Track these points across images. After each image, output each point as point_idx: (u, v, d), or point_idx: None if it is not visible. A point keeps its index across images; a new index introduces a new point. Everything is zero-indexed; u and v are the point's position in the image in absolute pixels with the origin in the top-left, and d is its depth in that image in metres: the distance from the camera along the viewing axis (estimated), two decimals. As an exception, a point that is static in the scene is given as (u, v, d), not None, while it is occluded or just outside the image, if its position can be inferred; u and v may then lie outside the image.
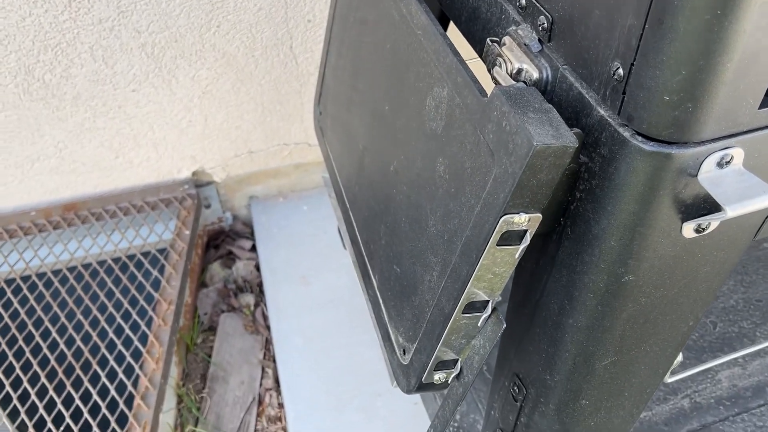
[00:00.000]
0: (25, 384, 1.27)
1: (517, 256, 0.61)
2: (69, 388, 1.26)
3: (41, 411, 1.24)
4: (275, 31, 1.40)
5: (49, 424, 1.21)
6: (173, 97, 1.45)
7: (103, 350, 1.32)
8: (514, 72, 0.66)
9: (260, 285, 1.71)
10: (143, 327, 1.36)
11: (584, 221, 0.63)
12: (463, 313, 0.67)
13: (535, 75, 0.65)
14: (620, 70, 0.54)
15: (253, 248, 1.79)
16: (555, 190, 0.62)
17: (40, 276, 1.49)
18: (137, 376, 1.28)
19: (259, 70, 1.46)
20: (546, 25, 0.62)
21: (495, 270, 0.64)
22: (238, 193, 1.77)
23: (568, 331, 0.68)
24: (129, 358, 1.30)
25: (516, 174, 0.56)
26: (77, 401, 1.24)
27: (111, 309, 1.40)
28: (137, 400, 1.23)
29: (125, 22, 1.29)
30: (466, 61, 0.70)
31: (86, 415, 1.22)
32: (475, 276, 0.64)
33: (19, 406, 1.25)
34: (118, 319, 1.38)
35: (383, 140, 0.87)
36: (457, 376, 0.75)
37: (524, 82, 0.65)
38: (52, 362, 1.30)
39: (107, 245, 1.53)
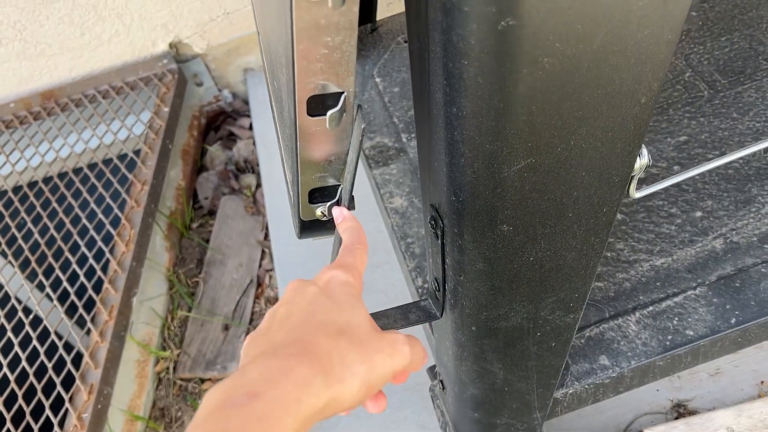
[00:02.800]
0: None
1: (331, 3, 0.41)
2: (41, 276, 1.19)
3: (12, 301, 1.19)
4: None
5: (20, 313, 1.15)
6: (122, -46, 1.28)
7: (75, 237, 1.24)
8: None
9: (261, 164, 1.57)
10: (116, 210, 1.27)
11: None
12: (309, 113, 0.49)
13: None
14: None
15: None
16: None
17: (28, 182, 1.43)
18: (107, 261, 1.20)
19: None
20: None
21: (326, 39, 0.45)
22: (230, 67, 1.61)
23: (456, 126, 0.49)
24: (100, 243, 1.22)
25: None
26: (47, 289, 1.18)
27: (86, 195, 1.31)
28: (106, 284, 1.15)
29: None
30: None
31: (55, 302, 1.15)
32: (298, 51, 0.45)
33: None
34: (92, 205, 1.29)
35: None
36: (338, 206, 0.58)
37: None
38: (26, 252, 1.24)
39: (86, 132, 1.43)
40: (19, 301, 1.22)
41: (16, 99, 1.49)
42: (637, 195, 0.59)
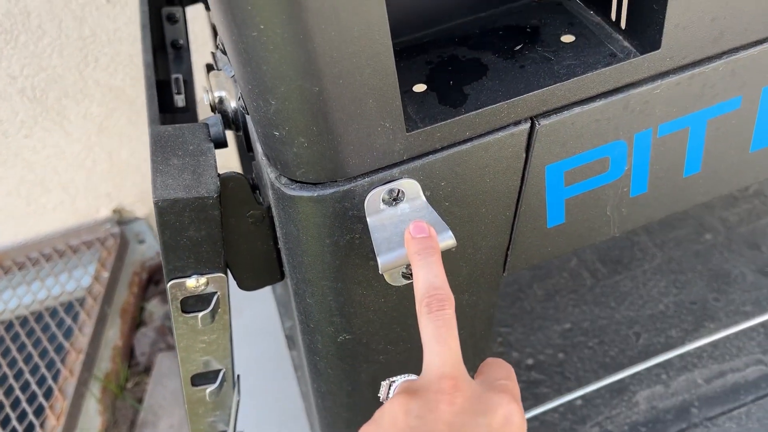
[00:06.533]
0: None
1: (201, 322, 0.52)
2: (-31, 452, 1.22)
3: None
4: (159, 59, 1.33)
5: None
6: (69, 138, 1.40)
7: (7, 410, 1.28)
8: (215, 101, 0.56)
9: (198, 319, 1.64)
10: (50, 381, 1.32)
11: (288, 276, 0.53)
12: (193, 385, 0.58)
13: (233, 104, 0.55)
14: (241, 100, 0.45)
15: (193, 281, 1.72)
16: (247, 242, 0.52)
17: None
18: (37, 435, 1.23)
19: (152, 100, 1.39)
20: (222, 46, 0.53)
21: (203, 338, 0.55)
22: (172, 226, 1.71)
23: (321, 397, 0.58)
24: (31, 417, 1.26)
25: (158, 235, 0.47)
26: (-26, 467, 1.20)
27: (21, 364, 1.36)
28: (33, 462, 1.19)
29: (-4, 69, 1.25)
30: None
31: (-19, 481, 1.18)
32: (180, 347, 0.55)
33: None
34: (26, 375, 1.33)
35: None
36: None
37: (225, 114, 0.55)
38: (-43, 425, 1.27)
39: (27, 297, 1.50)
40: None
41: (-40, 262, 1.55)
42: None
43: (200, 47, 1.21)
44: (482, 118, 0.42)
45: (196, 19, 0.93)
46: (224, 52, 0.52)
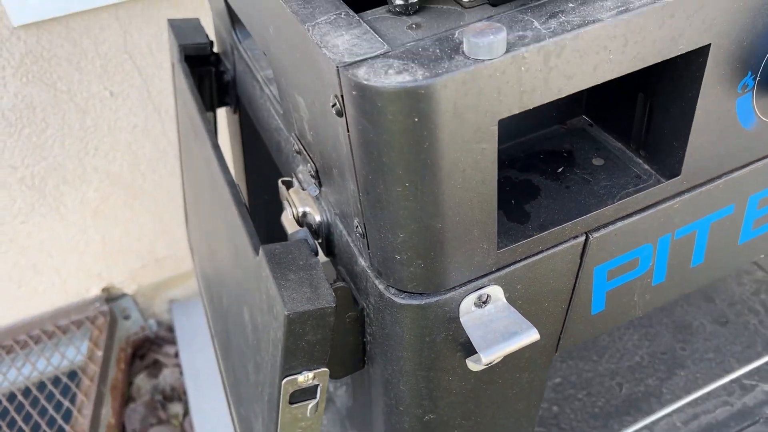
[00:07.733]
0: None
1: (310, 412, 0.60)
2: None
3: None
4: (156, 144, 1.40)
5: None
6: (65, 222, 1.44)
7: (12, 497, 1.27)
8: (299, 215, 0.65)
9: (188, 392, 1.67)
10: (53, 465, 1.32)
11: (376, 365, 0.62)
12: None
13: (318, 218, 0.65)
14: (359, 228, 0.54)
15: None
16: (342, 338, 0.61)
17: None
18: None
19: (148, 183, 1.45)
20: (313, 171, 0.62)
21: (301, 425, 0.62)
22: (156, 299, 1.74)
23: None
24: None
25: (280, 340, 0.55)
26: None
27: (21, 449, 1.36)
28: None
29: (-2, 161, 1.29)
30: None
31: None
32: (281, 432, 0.62)
33: None
34: (28, 460, 1.33)
35: (219, 273, 0.86)
36: None
37: (309, 226, 0.65)
38: None
39: (18, 378, 1.50)
40: None
41: (-56, 349, 1.54)
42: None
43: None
44: (552, 235, 0.53)
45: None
46: (314, 177, 0.62)
